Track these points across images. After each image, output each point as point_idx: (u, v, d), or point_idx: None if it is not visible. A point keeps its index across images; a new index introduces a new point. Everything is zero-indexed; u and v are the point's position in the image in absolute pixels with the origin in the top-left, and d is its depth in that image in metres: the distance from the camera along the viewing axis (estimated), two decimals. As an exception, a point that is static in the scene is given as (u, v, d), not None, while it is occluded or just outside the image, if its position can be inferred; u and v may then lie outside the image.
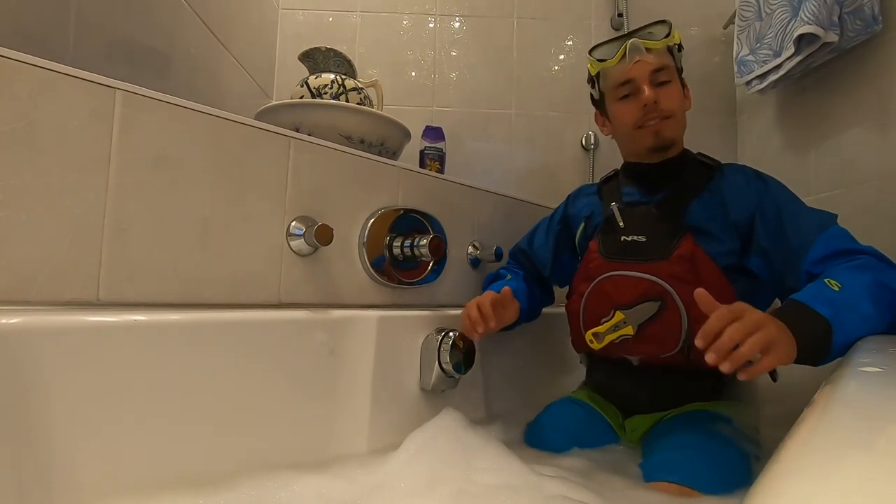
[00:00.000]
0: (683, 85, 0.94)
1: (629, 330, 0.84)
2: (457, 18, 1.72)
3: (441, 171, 1.45)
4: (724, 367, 0.58)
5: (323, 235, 0.81)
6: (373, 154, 0.99)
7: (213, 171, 0.76)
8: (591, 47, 0.97)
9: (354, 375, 0.83)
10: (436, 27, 1.71)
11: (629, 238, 0.89)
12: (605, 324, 0.87)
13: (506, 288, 0.93)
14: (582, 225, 1.02)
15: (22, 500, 0.50)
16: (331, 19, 1.69)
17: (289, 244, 0.84)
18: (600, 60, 0.93)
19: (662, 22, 0.92)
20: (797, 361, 0.62)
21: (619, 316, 0.86)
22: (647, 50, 0.88)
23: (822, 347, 0.62)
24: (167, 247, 0.71)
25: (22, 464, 0.51)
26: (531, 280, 1.10)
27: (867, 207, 1.11)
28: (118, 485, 0.58)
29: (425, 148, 1.46)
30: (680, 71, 0.94)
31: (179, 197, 0.73)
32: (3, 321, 0.53)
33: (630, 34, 0.91)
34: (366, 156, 0.97)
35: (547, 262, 1.08)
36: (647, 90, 0.87)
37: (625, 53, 0.89)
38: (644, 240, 0.88)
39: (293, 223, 0.84)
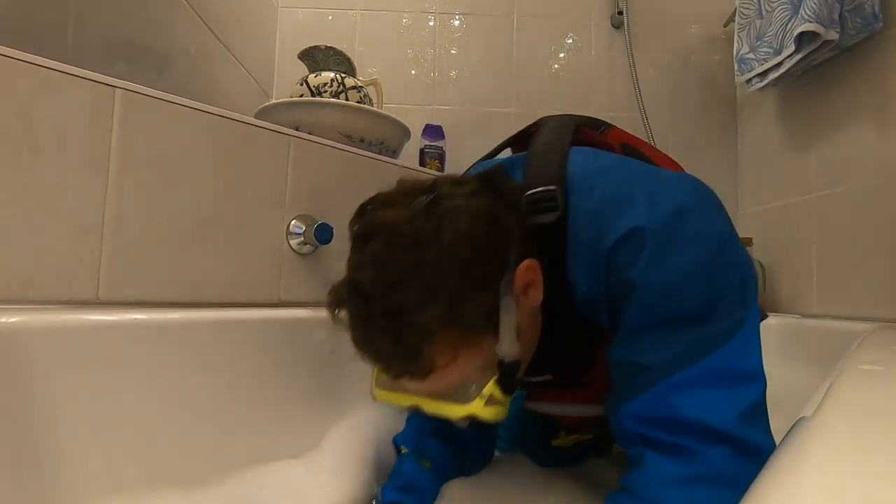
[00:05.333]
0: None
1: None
2: (457, 16, 1.72)
3: (441, 169, 1.45)
4: None
5: (323, 234, 0.81)
6: (373, 153, 0.99)
7: (212, 169, 0.76)
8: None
9: (354, 374, 0.83)
10: (436, 25, 1.71)
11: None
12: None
13: None
14: None
15: (21, 498, 0.50)
16: (330, 17, 1.69)
17: (289, 243, 0.84)
18: None
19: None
20: None
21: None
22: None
23: None
24: (167, 245, 0.71)
25: (21, 462, 0.51)
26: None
27: (867, 206, 1.10)
28: (117, 483, 0.58)
29: (425, 146, 1.46)
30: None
31: (179, 195, 0.73)
32: (3, 320, 0.53)
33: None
34: (366, 154, 0.97)
35: None
36: None
37: None
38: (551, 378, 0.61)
39: (293, 222, 0.84)
